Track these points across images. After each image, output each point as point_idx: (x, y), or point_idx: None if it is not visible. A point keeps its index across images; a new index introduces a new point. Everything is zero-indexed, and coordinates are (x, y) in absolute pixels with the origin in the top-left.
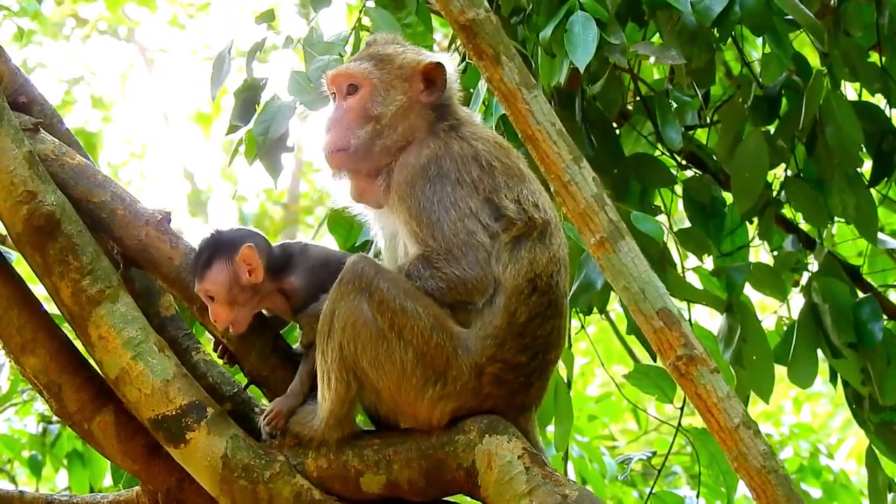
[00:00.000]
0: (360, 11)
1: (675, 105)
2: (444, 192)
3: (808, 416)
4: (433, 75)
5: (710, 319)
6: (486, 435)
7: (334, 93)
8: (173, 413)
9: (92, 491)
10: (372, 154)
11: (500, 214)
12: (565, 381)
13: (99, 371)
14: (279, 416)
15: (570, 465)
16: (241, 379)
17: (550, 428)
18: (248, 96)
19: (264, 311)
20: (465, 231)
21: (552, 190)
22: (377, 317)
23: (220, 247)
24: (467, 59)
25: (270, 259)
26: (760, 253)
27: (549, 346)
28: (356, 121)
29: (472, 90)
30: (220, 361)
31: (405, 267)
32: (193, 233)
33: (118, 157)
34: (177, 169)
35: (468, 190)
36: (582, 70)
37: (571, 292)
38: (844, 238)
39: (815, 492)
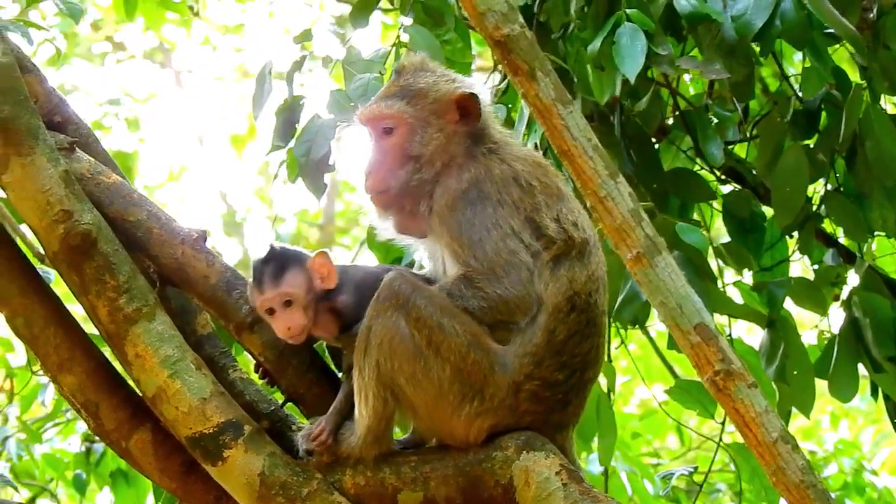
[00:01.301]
0: (399, 29)
1: (715, 120)
2: (486, 213)
3: (846, 432)
4: (467, 105)
5: (747, 335)
6: (524, 451)
7: (367, 130)
8: (210, 431)
9: None
10: (412, 190)
11: (540, 234)
12: (608, 396)
13: (136, 390)
14: (325, 434)
15: (623, 478)
16: (279, 397)
17: (594, 441)
18: (289, 115)
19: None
20: (507, 250)
21: (588, 205)
22: (414, 333)
23: (288, 256)
24: None
25: None
26: (797, 267)
27: (587, 364)
28: (396, 162)
29: (509, 106)
30: (259, 380)
31: (447, 286)
32: (229, 253)
33: (154, 179)
34: (212, 190)
35: (509, 210)
36: (633, 81)
37: (616, 305)
38: (884, 252)
39: None
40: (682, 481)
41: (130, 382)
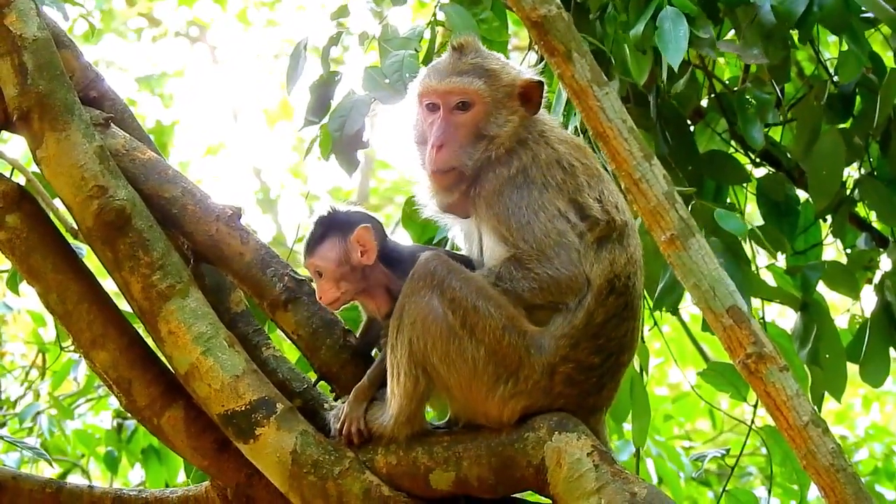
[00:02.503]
0: (436, 6)
1: (754, 103)
2: (532, 197)
3: (878, 416)
4: (532, 93)
5: (779, 317)
6: (556, 432)
7: (432, 104)
8: (243, 409)
9: (167, 486)
10: (476, 170)
11: (585, 214)
12: (641, 375)
13: (169, 366)
14: (354, 422)
15: (650, 463)
16: (312, 375)
17: (627, 426)
18: (323, 91)
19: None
20: (555, 232)
21: (623, 187)
22: (448, 313)
23: (335, 224)
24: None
25: (385, 248)
26: (830, 251)
27: (622, 347)
28: (469, 140)
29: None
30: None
31: (496, 269)
32: (263, 230)
33: (188, 155)
34: (246, 166)
35: (554, 192)
36: (675, 68)
37: (657, 293)
38: None
39: (890, 493)
40: (714, 463)
41: (163, 359)
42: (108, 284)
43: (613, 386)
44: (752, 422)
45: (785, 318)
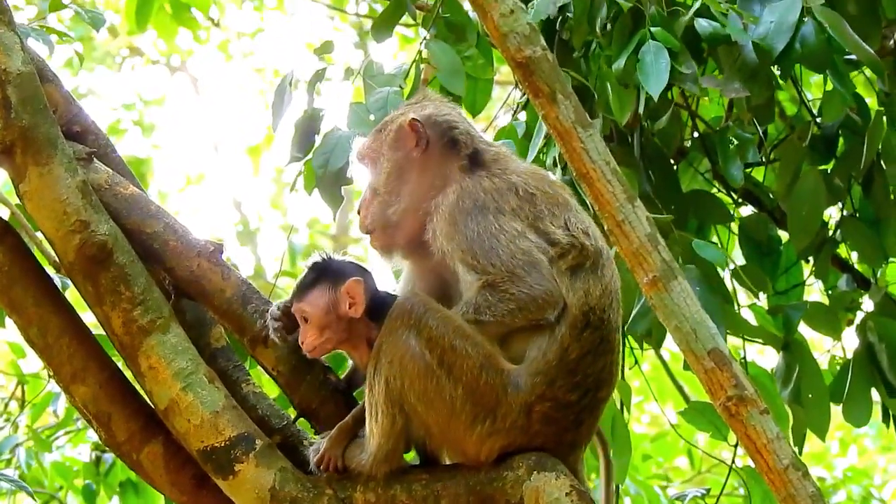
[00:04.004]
0: (420, 44)
1: (735, 142)
2: (487, 222)
3: (855, 458)
4: (416, 130)
5: (759, 355)
6: (535, 472)
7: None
8: (222, 445)
9: None
10: (394, 224)
11: (550, 240)
12: (622, 411)
13: (148, 401)
14: (333, 460)
15: (627, 502)
16: (292, 412)
17: None
18: (308, 127)
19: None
20: (520, 252)
21: (606, 229)
22: (425, 353)
23: (327, 272)
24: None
25: (374, 302)
26: (813, 293)
27: (600, 383)
28: (368, 199)
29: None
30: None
31: (472, 299)
32: (243, 263)
33: (169, 185)
34: (226, 198)
35: (510, 216)
36: (656, 98)
37: (630, 319)
38: (895, 278)
39: None
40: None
41: (143, 394)
42: (89, 317)
43: (592, 422)
44: (733, 461)
45: (764, 356)
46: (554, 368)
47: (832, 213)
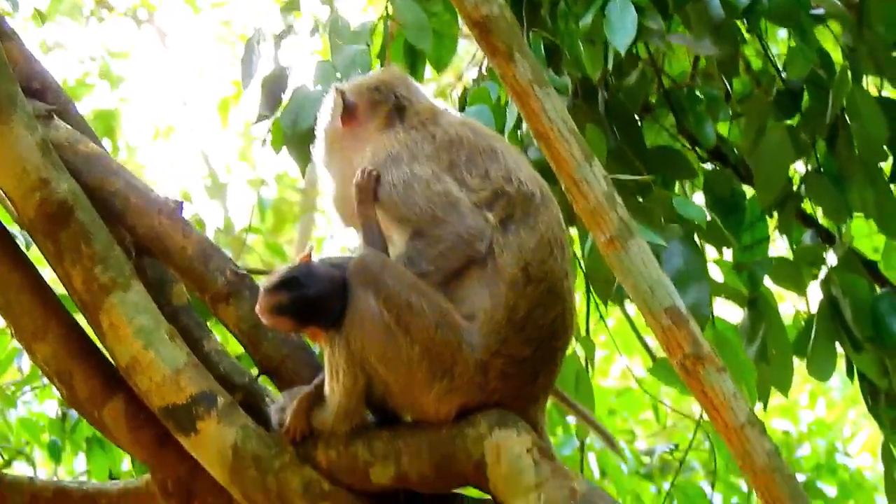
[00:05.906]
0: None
1: (704, 99)
2: (401, 171)
3: (824, 411)
4: (344, 101)
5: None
6: (496, 428)
7: None
8: (184, 402)
9: (111, 475)
10: (339, 198)
11: (464, 185)
12: (585, 368)
13: (110, 359)
14: (301, 430)
15: (592, 457)
16: (254, 369)
17: (571, 419)
18: (275, 86)
19: None
20: (437, 194)
21: (564, 188)
22: (384, 311)
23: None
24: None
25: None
26: (778, 247)
27: (554, 333)
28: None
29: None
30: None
31: (404, 253)
32: (211, 217)
33: (138, 139)
34: (194, 152)
35: (424, 163)
36: (623, 53)
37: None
38: (861, 233)
39: (831, 490)
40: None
41: (104, 352)
42: (49, 274)
43: (550, 371)
44: (700, 416)
45: (728, 311)
46: (504, 328)
47: (797, 168)
